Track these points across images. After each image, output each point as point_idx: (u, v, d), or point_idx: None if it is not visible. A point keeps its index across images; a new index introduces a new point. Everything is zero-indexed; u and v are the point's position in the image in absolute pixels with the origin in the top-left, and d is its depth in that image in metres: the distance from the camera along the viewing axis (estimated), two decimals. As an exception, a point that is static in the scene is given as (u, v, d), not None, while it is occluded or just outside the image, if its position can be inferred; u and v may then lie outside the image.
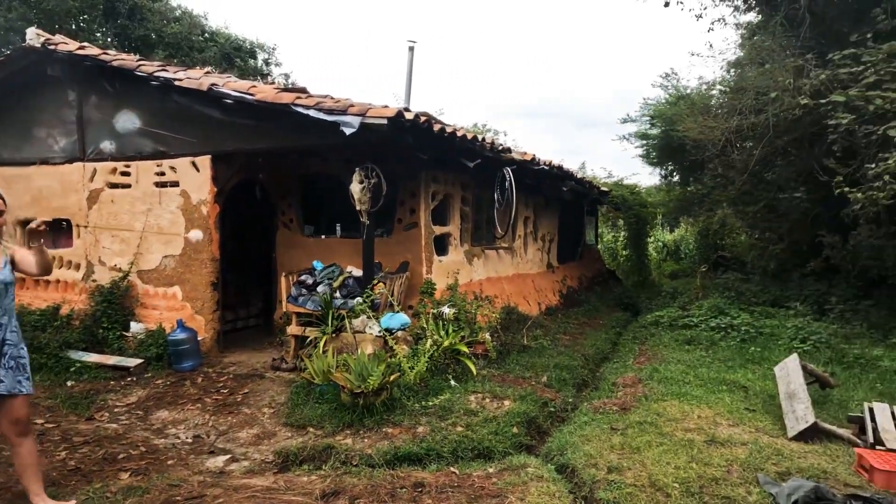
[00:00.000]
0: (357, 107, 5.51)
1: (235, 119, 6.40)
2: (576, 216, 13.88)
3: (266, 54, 21.83)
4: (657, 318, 8.93)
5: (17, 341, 3.25)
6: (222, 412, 5.10)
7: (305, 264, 7.31)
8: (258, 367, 6.34)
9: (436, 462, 4.03)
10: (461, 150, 6.70)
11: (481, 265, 8.62)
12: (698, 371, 5.98)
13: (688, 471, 3.53)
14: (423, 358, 5.42)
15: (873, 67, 6.84)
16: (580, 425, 4.48)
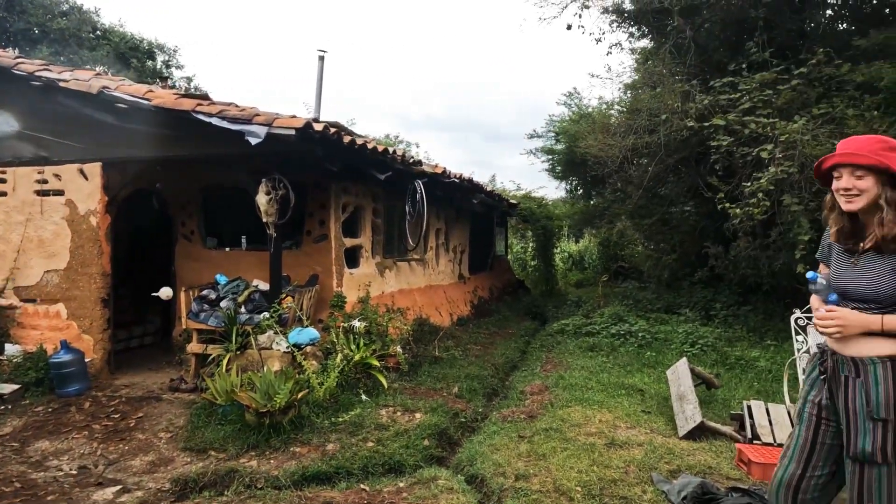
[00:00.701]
0: (263, 116, 5.36)
1: (130, 125, 6.02)
2: (486, 228, 14.20)
3: (166, 56, 20.75)
4: (563, 326, 9.29)
5: None
6: (113, 439, 4.73)
7: (208, 278, 6.97)
8: (155, 388, 5.95)
9: (345, 480, 3.95)
10: (372, 162, 6.68)
11: (393, 277, 8.61)
12: (600, 377, 6.28)
13: (589, 474, 3.69)
14: (333, 373, 5.31)
15: (748, 95, 7.56)
16: (489, 435, 4.57)
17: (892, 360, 2.08)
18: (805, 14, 9.23)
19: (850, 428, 2.14)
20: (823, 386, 2.27)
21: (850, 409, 2.14)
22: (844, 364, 2.17)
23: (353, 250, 7.58)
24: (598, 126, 10.61)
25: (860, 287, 2.15)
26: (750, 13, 8.51)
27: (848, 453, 2.15)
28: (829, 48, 7.61)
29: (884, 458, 2.07)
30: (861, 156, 2.11)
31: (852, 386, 2.14)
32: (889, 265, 2.10)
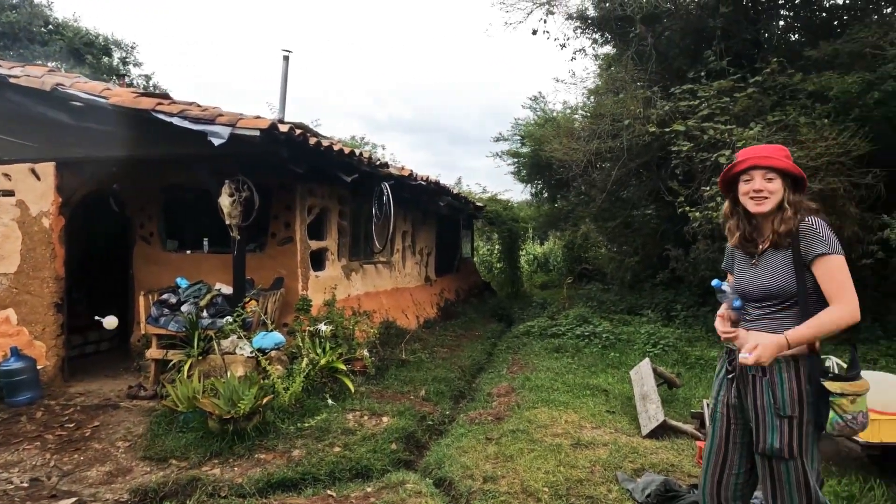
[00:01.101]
0: (226, 116, 5.25)
1: (87, 124, 5.82)
2: (452, 230, 14.24)
3: (123, 52, 20.15)
4: (528, 328, 9.38)
5: None
6: (67, 450, 4.56)
7: (168, 282, 6.78)
8: (112, 395, 5.76)
9: (312, 486, 3.90)
10: (338, 164, 6.62)
11: (359, 280, 8.54)
12: (565, 378, 6.37)
13: (556, 474, 3.74)
14: (298, 378, 5.24)
15: (706, 102, 7.79)
16: (457, 437, 4.58)
17: (795, 360, 2.20)
18: (760, 24, 9.56)
19: (758, 425, 2.23)
20: (731, 385, 2.36)
21: (758, 407, 2.23)
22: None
23: (319, 253, 7.49)
24: (562, 130, 10.77)
25: (759, 283, 2.27)
26: (708, 22, 8.77)
27: (757, 449, 2.24)
28: (783, 58, 7.91)
29: (790, 453, 2.16)
30: (774, 159, 2.26)
31: (759, 385, 2.23)
32: (786, 260, 2.23)
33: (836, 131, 6.91)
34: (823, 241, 2.18)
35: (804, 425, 2.17)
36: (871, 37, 7.38)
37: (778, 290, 2.22)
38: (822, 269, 2.17)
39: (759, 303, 2.29)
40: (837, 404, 2.17)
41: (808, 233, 2.20)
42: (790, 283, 2.20)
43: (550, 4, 10.13)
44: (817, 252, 2.17)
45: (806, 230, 2.21)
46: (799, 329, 2.14)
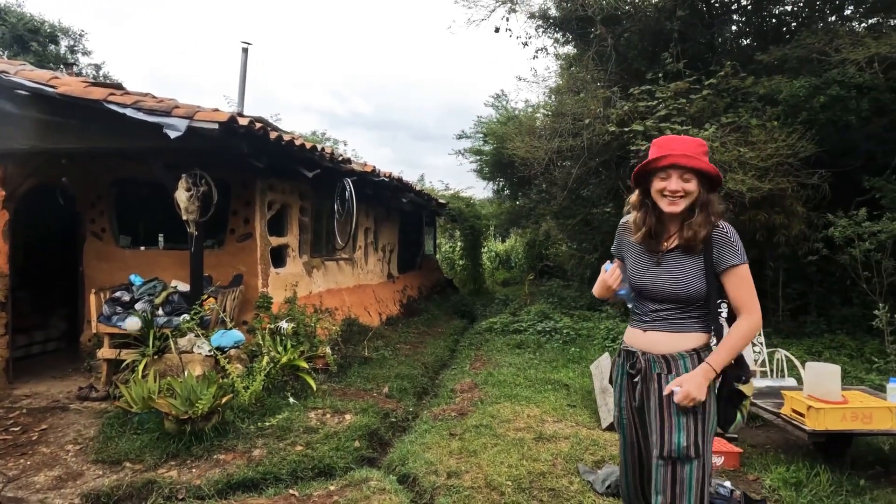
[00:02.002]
0: (183, 108, 5.10)
1: (32, 114, 5.56)
2: (415, 227, 14.21)
3: (71, 41, 19.34)
4: (491, 324, 9.45)
5: None
6: (12, 454, 4.35)
7: (120, 279, 6.55)
8: (60, 397, 5.53)
9: (273, 486, 3.84)
10: (300, 159, 6.52)
11: (321, 277, 8.44)
12: (527, 373, 6.44)
13: (519, 468, 3.78)
14: (259, 376, 5.14)
15: (664, 103, 7.99)
16: (421, 433, 4.58)
17: (698, 353, 2.15)
18: (714, 29, 9.85)
19: (662, 426, 2.12)
20: (634, 389, 2.27)
21: (663, 407, 2.13)
22: (656, 362, 2.19)
23: (280, 249, 7.37)
24: (524, 128, 10.87)
25: (666, 287, 2.17)
26: (666, 25, 8.99)
27: (661, 454, 2.11)
28: (736, 61, 8.17)
29: (696, 451, 2.08)
30: (695, 159, 2.11)
31: (665, 382, 2.15)
32: (697, 266, 2.15)
33: (785, 133, 7.19)
34: (736, 251, 2.12)
35: (707, 422, 2.11)
36: (818, 43, 7.71)
37: (687, 297, 2.15)
38: (733, 280, 2.12)
39: (659, 303, 2.21)
40: (745, 405, 2.19)
41: (721, 241, 2.13)
42: (701, 290, 2.13)
43: (513, 3, 10.21)
44: (731, 263, 2.12)
45: (719, 238, 2.14)
46: (719, 354, 2.10)
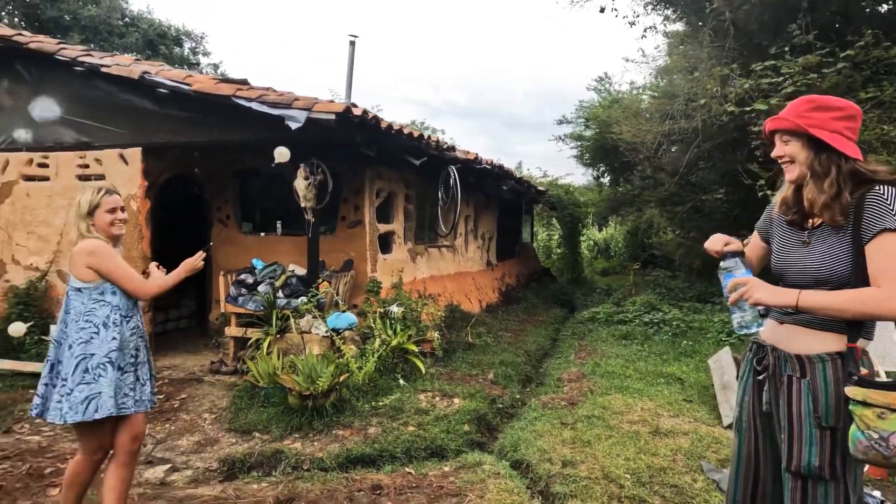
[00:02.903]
0: (302, 101, 5.35)
1: (169, 110, 6.08)
2: (513, 215, 14.13)
3: (193, 43, 20.89)
4: (593, 314, 9.23)
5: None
6: (159, 419, 4.82)
7: (243, 263, 7.04)
8: (195, 370, 6.05)
9: (389, 463, 3.97)
10: (407, 148, 6.65)
11: (424, 263, 8.61)
12: (636, 365, 6.22)
13: (637, 462, 3.66)
14: (371, 357, 5.34)
15: (791, 79, 7.34)
16: (531, 421, 4.56)
17: (842, 357, 1.77)
18: (850, -5, 8.90)
19: (791, 438, 1.81)
20: (760, 389, 1.96)
21: (792, 416, 1.81)
22: (788, 362, 1.86)
23: (386, 236, 7.59)
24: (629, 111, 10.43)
25: (809, 269, 1.85)
26: (793, -6, 8.23)
27: (789, 467, 1.81)
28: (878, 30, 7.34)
29: (832, 473, 1.74)
30: (782, 119, 1.88)
31: (797, 388, 1.82)
32: (840, 238, 1.80)
33: (938, 107, 6.39)
34: (887, 214, 1.71)
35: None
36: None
37: (828, 277, 1.79)
38: (880, 246, 1.70)
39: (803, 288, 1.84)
40: (859, 415, 1.67)
41: (872, 205, 1.74)
42: (845, 269, 1.76)
43: (620, -20, 9.78)
44: (878, 227, 1.71)
45: (871, 202, 1.74)
46: (816, 296, 1.73)
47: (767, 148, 2.01)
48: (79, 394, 2.64)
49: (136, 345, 2.83)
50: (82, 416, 2.63)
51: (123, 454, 2.83)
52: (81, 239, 2.76)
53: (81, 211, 2.77)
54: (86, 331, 2.69)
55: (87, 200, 2.76)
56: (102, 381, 2.66)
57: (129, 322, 2.81)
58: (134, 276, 2.81)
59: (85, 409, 2.63)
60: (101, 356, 2.69)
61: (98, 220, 2.77)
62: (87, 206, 2.76)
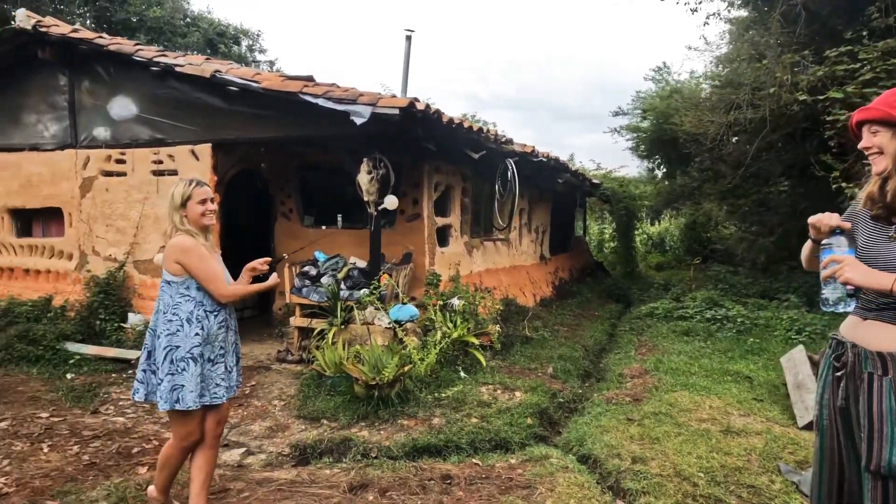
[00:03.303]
0: (367, 96, 5.44)
1: (237, 107, 6.28)
2: (567, 208, 13.96)
3: (250, 40, 21.45)
4: (651, 309, 9.04)
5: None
6: (233, 405, 5.01)
7: (304, 255, 7.24)
8: (262, 358, 6.27)
9: (455, 454, 4.02)
10: (467, 141, 6.67)
11: (480, 257, 8.63)
12: (701, 362, 6.08)
13: (710, 460, 3.59)
14: (433, 349, 5.41)
15: (869, 65, 6.97)
16: (595, 416, 4.53)
17: None
18: (935, -27, 8.36)
19: (871, 436, 1.76)
20: (838, 385, 1.91)
21: (874, 414, 1.76)
22: (868, 359, 1.81)
23: (443, 229, 7.64)
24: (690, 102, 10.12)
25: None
26: (871, -26, 7.80)
27: (868, 467, 1.76)
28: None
29: None
30: (873, 108, 1.83)
31: (878, 385, 1.77)
32: None
33: None
34: None
35: None
36: None
37: None
38: None
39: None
40: None
41: None
42: None
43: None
44: None
45: None
46: None
47: (843, 138, 1.95)
48: (167, 384, 2.78)
49: (224, 337, 2.93)
50: (169, 405, 2.79)
51: (210, 437, 2.97)
52: (175, 232, 2.88)
53: (175, 202, 2.87)
54: (172, 323, 2.82)
55: (181, 192, 2.87)
56: (185, 374, 2.78)
57: (217, 316, 2.89)
58: (217, 278, 2.85)
59: (170, 398, 2.78)
60: (185, 351, 2.79)
61: (190, 210, 2.87)
62: (181, 198, 2.86)
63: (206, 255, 2.86)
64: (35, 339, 6.03)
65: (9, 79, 7.43)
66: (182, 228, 2.86)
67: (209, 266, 2.85)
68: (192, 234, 2.88)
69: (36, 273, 7.44)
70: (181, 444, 2.91)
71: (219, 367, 2.89)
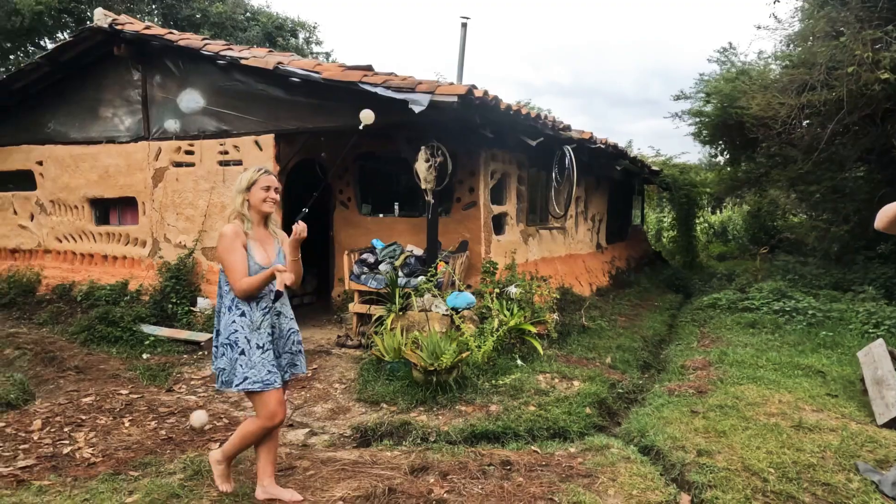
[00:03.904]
0: (425, 84, 5.47)
1: (298, 98, 6.43)
2: (624, 196, 13.64)
3: (307, 33, 21.85)
4: (714, 300, 8.74)
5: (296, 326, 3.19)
6: (295, 387, 5.20)
7: (362, 243, 7.36)
8: (323, 343, 6.45)
9: (513, 441, 4.03)
10: (525, 128, 6.60)
11: (536, 245, 8.56)
12: (768, 355, 5.84)
13: (781, 456, 3.46)
14: (490, 337, 5.42)
15: (962, 39, 6.46)
16: (657, 407, 4.43)
17: None
18: None
19: None
20: None
21: None
22: None
23: (499, 217, 7.61)
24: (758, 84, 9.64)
25: None
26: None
27: None
28: None
29: None
30: None
31: None
32: None
33: None
34: None
35: None
36: None
37: None
38: None
39: None
40: None
41: None
42: None
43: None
44: None
45: None
46: None
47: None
48: (219, 364, 2.93)
49: (270, 323, 2.96)
50: (218, 386, 2.95)
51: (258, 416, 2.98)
52: (233, 216, 2.96)
53: (241, 186, 2.95)
54: (221, 308, 2.96)
55: (248, 177, 2.96)
56: (224, 359, 2.89)
57: (260, 303, 2.91)
58: (234, 269, 2.84)
59: (219, 378, 2.94)
60: (224, 337, 2.90)
61: (253, 195, 2.93)
62: (247, 182, 2.94)
63: (232, 247, 2.85)
64: (114, 320, 6.40)
65: (87, 76, 7.86)
66: (241, 211, 2.94)
67: (232, 258, 2.85)
68: (245, 220, 2.93)
69: (113, 259, 7.89)
70: (264, 424, 2.94)
71: (268, 354, 2.92)
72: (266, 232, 3.04)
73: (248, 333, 2.88)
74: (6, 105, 8.36)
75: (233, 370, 2.88)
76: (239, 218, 2.95)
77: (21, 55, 16.72)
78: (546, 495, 3.08)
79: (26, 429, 4.11)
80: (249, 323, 2.89)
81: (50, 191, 8.31)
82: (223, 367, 2.91)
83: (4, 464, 3.56)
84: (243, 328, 2.88)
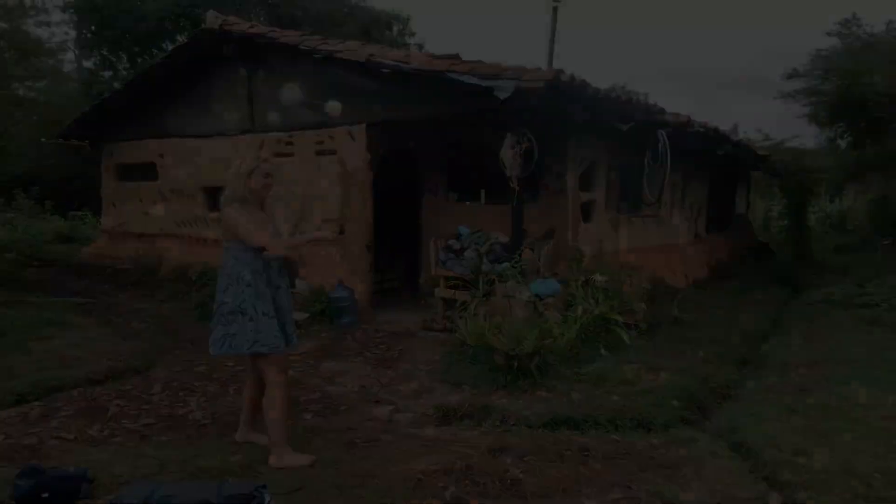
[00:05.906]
0: (511, 70, 5.46)
1: (388, 88, 6.61)
2: (726, 183, 12.85)
3: (401, 25, 22.32)
4: (827, 295, 8.09)
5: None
6: (382, 366, 5.43)
7: (447, 229, 7.48)
8: (410, 326, 6.66)
9: (594, 429, 3.98)
10: (615, 112, 6.41)
11: (626, 233, 8.30)
12: (886, 355, 5.34)
13: (890, 461, 3.19)
14: (574, 325, 5.36)
15: None
16: (752, 404, 4.21)
17: None
18: None
19: None
20: None
21: None
22: None
23: (586, 204, 7.45)
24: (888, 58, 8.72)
25: None
26: None
27: None
28: None
29: None
30: None
31: None
32: None
33: None
34: None
35: None
36: None
37: None
38: None
39: None
40: None
41: None
42: None
43: None
44: None
45: None
46: None
47: None
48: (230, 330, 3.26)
49: (272, 294, 3.28)
50: (218, 350, 3.32)
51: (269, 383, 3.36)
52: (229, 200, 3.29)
53: (243, 171, 3.30)
54: (223, 282, 3.29)
55: (249, 164, 3.34)
56: (235, 325, 3.22)
57: (262, 276, 3.26)
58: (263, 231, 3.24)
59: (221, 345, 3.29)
60: (234, 306, 3.22)
61: (255, 180, 3.28)
62: (249, 168, 3.30)
63: (244, 217, 3.23)
64: (223, 300, 6.95)
65: (199, 74, 8.53)
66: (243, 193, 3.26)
67: (251, 225, 3.22)
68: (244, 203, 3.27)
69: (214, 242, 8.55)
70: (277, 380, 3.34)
71: (273, 321, 3.25)
72: (264, 215, 3.40)
73: (254, 302, 3.21)
74: (134, 103, 9.27)
75: (243, 335, 3.22)
76: (238, 201, 3.28)
77: (147, 57, 18.40)
78: (623, 483, 3.04)
79: (148, 392, 4.61)
80: (255, 294, 3.22)
81: (169, 180, 9.15)
82: (234, 333, 3.25)
83: (131, 421, 4.03)
84: (251, 297, 3.21)
